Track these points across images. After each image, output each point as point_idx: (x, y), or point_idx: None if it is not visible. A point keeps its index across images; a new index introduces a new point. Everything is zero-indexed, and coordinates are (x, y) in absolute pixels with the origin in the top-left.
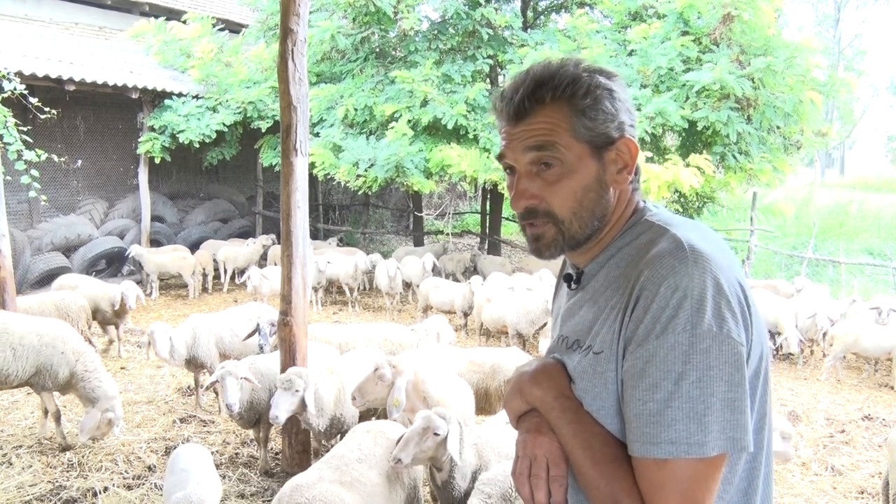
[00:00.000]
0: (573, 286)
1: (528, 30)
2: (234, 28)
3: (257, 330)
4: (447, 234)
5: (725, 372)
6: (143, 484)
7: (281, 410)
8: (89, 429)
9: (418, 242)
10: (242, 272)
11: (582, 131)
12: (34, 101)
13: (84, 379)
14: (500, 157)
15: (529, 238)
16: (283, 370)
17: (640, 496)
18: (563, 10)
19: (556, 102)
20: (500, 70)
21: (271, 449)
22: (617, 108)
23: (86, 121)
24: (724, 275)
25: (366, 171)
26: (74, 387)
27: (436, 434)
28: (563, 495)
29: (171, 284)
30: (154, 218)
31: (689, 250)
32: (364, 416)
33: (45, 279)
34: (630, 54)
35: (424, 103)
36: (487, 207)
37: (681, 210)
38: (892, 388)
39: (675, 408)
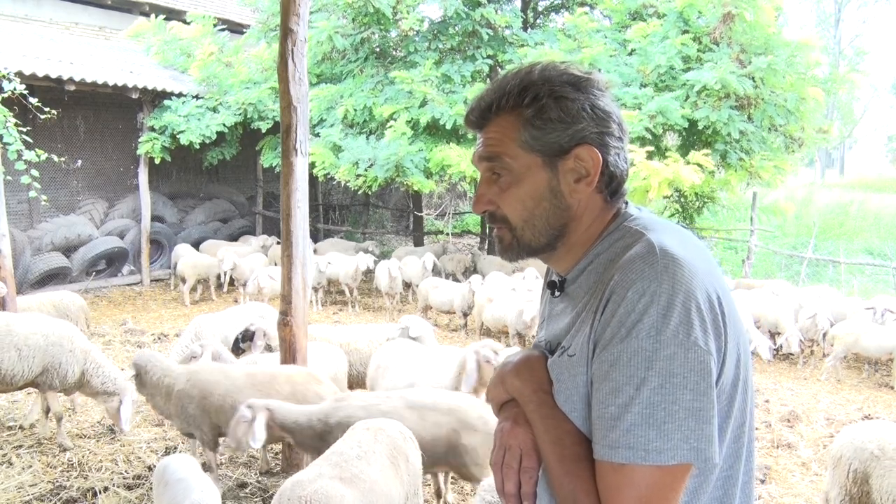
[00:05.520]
0: (556, 294)
1: (528, 30)
2: (234, 28)
3: (236, 341)
4: (447, 234)
5: (690, 380)
6: (143, 484)
7: None
8: (128, 418)
9: (418, 242)
10: None
11: (530, 141)
12: (34, 101)
13: (97, 375)
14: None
15: (494, 239)
16: None
17: (598, 498)
18: (564, 10)
19: (507, 112)
20: (500, 70)
21: (271, 449)
22: (573, 116)
23: (86, 121)
24: (696, 281)
25: (366, 170)
26: (88, 384)
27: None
28: (532, 487)
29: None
30: (154, 218)
31: (660, 255)
32: None
33: (45, 279)
34: (630, 53)
35: (423, 103)
36: None
37: (680, 210)
38: (892, 387)
39: (634, 413)
